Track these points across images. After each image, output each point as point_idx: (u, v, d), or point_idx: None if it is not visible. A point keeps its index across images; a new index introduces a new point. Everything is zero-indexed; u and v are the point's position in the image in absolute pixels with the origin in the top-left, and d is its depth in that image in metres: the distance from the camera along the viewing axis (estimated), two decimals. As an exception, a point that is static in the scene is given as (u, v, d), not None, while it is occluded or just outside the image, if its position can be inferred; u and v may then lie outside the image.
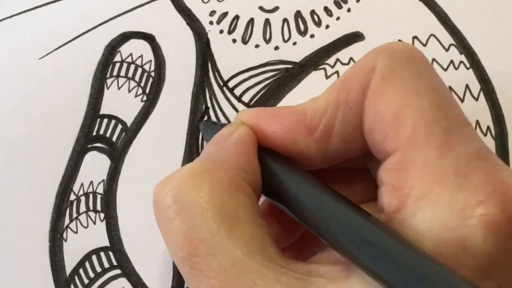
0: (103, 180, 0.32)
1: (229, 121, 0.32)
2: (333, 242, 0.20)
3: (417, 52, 0.23)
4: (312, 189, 0.22)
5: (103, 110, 0.33)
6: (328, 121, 0.23)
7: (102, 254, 0.31)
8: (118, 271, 0.31)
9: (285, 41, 0.33)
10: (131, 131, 0.33)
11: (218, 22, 0.34)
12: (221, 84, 0.33)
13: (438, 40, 0.33)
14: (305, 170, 0.24)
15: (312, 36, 0.33)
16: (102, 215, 0.32)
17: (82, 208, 0.32)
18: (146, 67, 0.34)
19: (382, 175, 0.21)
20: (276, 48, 0.33)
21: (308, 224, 0.22)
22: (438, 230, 0.18)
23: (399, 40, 0.33)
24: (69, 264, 0.31)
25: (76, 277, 0.31)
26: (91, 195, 0.32)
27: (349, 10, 0.34)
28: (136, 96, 0.33)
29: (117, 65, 0.34)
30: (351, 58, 0.33)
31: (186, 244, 0.20)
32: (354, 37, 0.33)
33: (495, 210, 0.18)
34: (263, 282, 0.19)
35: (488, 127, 0.31)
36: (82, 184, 0.32)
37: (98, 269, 0.31)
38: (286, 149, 0.24)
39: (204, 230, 0.20)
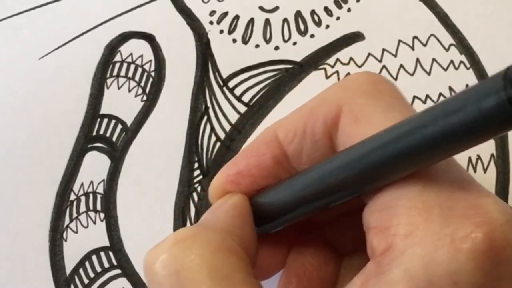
0: (103, 180, 0.32)
1: (228, 121, 0.32)
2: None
3: (385, 83, 0.23)
4: (317, 167, 0.22)
5: (103, 110, 0.33)
6: (296, 149, 0.23)
7: (102, 254, 0.31)
8: (118, 271, 0.31)
9: (285, 41, 0.33)
10: (131, 131, 0.33)
11: (218, 22, 0.34)
12: (221, 84, 0.33)
13: (438, 40, 0.33)
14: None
15: (312, 36, 0.33)
16: (102, 215, 0.32)
17: (82, 208, 0.32)
18: (146, 67, 0.34)
19: (368, 218, 0.20)
20: (276, 48, 0.33)
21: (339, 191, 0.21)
22: (429, 267, 0.18)
23: (401, 41, 0.33)
24: (69, 264, 0.31)
25: (76, 277, 0.31)
26: (91, 195, 0.32)
27: (349, 10, 0.34)
28: (136, 96, 0.33)
29: (117, 65, 0.34)
30: (351, 58, 0.33)
31: None
32: (354, 37, 0.33)
33: (483, 241, 0.18)
34: None
35: (488, 127, 0.31)
36: (82, 184, 0.32)
37: (98, 269, 0.31)
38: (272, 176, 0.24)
39: None
